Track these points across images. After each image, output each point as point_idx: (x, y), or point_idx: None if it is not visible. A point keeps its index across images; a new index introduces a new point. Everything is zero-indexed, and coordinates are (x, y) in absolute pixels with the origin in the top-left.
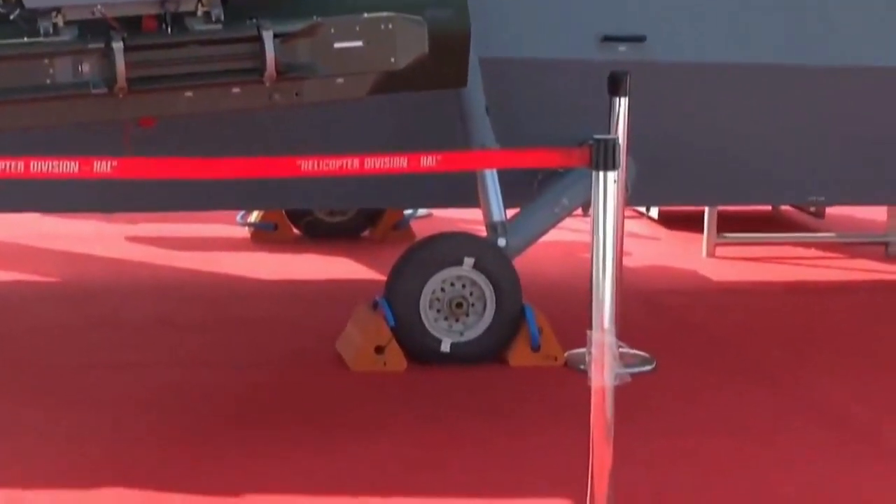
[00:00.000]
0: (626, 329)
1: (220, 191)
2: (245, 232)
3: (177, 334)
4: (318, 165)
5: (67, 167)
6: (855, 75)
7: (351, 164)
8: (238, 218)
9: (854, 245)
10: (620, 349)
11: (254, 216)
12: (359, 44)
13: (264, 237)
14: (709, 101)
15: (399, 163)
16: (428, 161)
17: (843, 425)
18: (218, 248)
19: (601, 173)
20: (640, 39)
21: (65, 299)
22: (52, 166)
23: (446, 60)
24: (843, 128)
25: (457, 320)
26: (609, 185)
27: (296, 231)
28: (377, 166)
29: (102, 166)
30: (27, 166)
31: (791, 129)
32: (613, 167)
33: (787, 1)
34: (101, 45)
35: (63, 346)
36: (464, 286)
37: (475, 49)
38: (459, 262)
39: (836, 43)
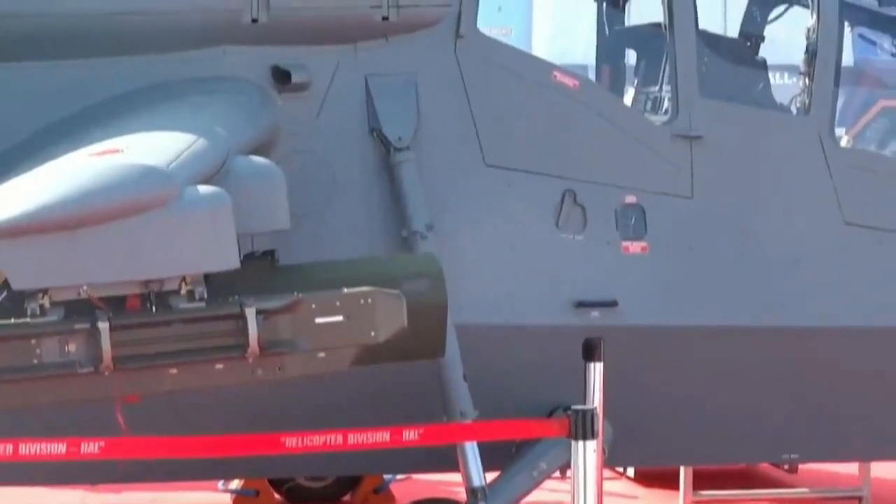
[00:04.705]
0: None
1: (203, 462)
2: (227, 499)
3: None
4: (302, 442)
5: (56, 449)
6: (823, 336)
7: (334, 439)
8: (220, 484)
9: (828, 500)
10: None
11: (235, 482)
12: (339, 318)
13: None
14: (681, 363)
15: (381, 437)
16: (410, 435)
17: None
18: None
19: (580, 443)
20: (611, 304)
21: None
22: (41, 448)
23: (424, 332)
24: (813, 386)
25: None
26: (588, 455)
27: (277, 497)
28: (360, 441)
29: (90, 447)
30: (16, 449)
31: (762, 389)
32: (592, 437)
33: (754, 263)
34: (87, 324)
35: None
36: None
37: (451, 316)
38: None
39: (804, 304)
